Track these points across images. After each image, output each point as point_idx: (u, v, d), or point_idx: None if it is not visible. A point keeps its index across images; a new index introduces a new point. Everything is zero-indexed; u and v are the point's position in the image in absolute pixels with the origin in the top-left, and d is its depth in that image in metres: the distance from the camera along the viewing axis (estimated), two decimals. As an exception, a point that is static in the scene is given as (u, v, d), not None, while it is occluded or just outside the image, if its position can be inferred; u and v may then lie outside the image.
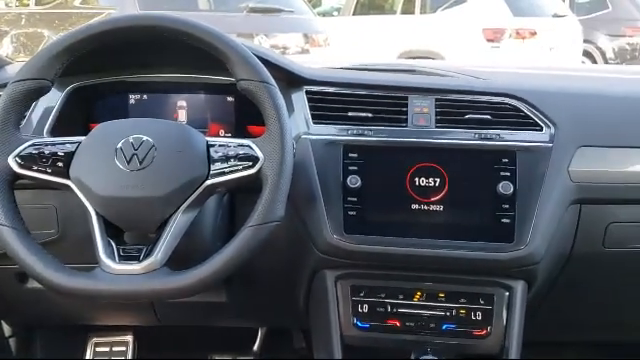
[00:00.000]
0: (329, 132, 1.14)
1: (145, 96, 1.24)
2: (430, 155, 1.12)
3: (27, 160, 0.96)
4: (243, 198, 1.12)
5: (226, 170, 0.95)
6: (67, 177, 0.96)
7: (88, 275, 0.93)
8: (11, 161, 0.95)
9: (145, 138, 0.96)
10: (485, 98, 1.17)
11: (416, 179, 1.11)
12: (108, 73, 1.22)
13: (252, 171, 0.95)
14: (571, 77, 1.64)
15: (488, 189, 1.10)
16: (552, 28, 7.22)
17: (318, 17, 6.53)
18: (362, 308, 1.16)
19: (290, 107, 1.14)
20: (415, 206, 1.11)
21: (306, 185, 1.10)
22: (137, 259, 0.93)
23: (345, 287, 1.16)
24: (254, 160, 0.95)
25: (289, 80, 1.17)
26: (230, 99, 1.23)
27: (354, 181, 1.10)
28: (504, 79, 1.37)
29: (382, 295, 1.16)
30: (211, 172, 0.95)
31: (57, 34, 4.89)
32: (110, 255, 0.93)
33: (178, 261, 0.94)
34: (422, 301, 1.16)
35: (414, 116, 1.15)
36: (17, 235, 0.93)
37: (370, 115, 1.15)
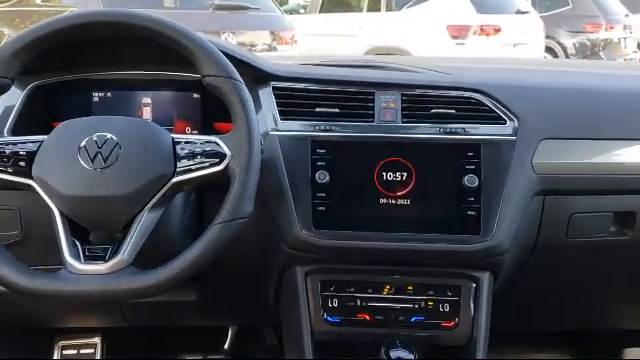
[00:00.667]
0: (297, 128, 1.14)
1: (109, 94, 1.22)
2: (397, 150, 1.13)
3: None
4: (211, 195, 1.11)
5: (193, 167, 0.95)
6: (29, 177, 0.94)
7: (52, 276, 0.91)
8: None
9: (109, 136, 0.94)
10: (450, 93, 1.19)
11: (384, 174, 1.12)
12: (71, 71, 1.20)
13: (219, 168, 0.94)
14: (534, 72, 1.67)
15: (454, 182, 1.11)
16: (515, 25, 7.35)
17: (285, 15, 6.51)
18: (332, 303, 1.17)
19: (257, 103, 1.13)
20: (383, 200, 1.12)
21: (274, 181, 1.10)
22: (103, 259, 0.92)
23: (315, 282, 1.17)
24: (221, 157, 0.94)
25: (256, 76, 1.17)
26: (196, 96, 1.22)
27: (322, 176, 1.10)
28: (468, 74, 1.39)
29: (352, 289, 1.17)
30: (177, 169, 0.94)
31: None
32: (75, 255, 0.91)
33: (145, 260, 0.93)
34: (391, 294, 1.17)
35: (381, 111, 1.16)
36: None
37: (337, 111, 1.15)
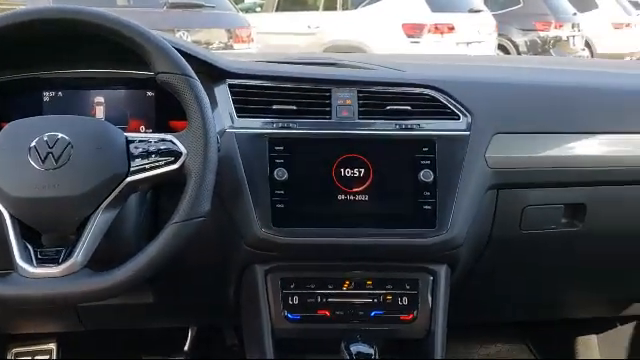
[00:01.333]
0: (254, 125, 1.13)
1: (60, 93, 1.19)
2: (354, 146, 1.13)
3: None
4: (167, 195, 1.10)
5: (147, 166, 0.93)
6: None
7: (3, 280, 0.88)
8: None
9: (60, 136, 0.92)
10: (405, 89, 1.20)
11: (342, 170, 1.12)
12: (19, 70, 1.16)
13: (175, 166, 0.93)
14: (486, 68, 1.71)
15: (410, 177, 1.12)
16: (469, 23, 7.50)
17: (241, 13, 6.48)
18: (292, 300, 1.16)
19: (213, 101, 1.12)
20: (341, 196, 1.12)
21: (232, 179, 1.09)
22: (56, 262, 0.89)
23: (275, 280, 1.16)
24: (176, 155, 0.93)
25: (211, 73, 1.16)
26: (150, 94, 1.20)
27: (281, 174, 1.10)
28: (423, 71, 1.41)
29: (312, 286, 1.17)
30: (131, 169, 0.93)
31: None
32: (27, 259, 0.89)
33: (100, 262, 0.91)
34: (351, 290, 1.18)
35: (338, 108, 1.16)
36: None
37: (294, 108, 1.15)
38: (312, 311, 1.17)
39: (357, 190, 1.12)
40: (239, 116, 1.14)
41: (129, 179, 0.93)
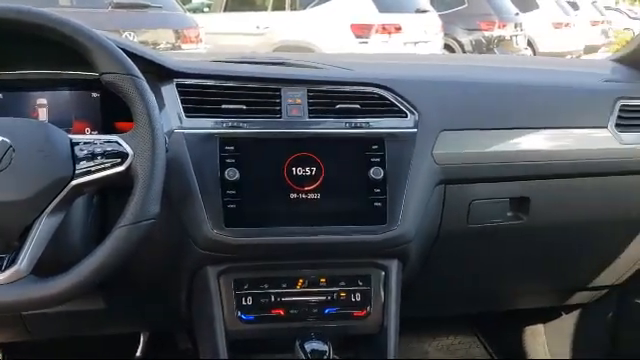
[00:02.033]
0: (203, 125, 1.12)
1: (0, 95, 1.15)
2: (305, 145, 1.14)
3: None
4: (114, 197, 1.07)
5: (93, 169, 0.91)
6: None
7: None
8: None
9: (1, 139, 0.89)
10: (354, 88, 1.21)
11: (293, 169, 1.12)
12: None
13: (121, 168, 0.91)
14: (433, 67, 1.74)
15: (361, 175, 1.14)
16: (415, 23, 7.62)
17: (188, 13, 6.40)
18: (246, 301, 1.16)
19: (160, 101, 1.11)
20: (294, 195, 1.12)
21: (182, 180, 1.08)
22: None
23: (228, 281, 1.16)
24: (123, 156, 0.91)
25: (158, 73, 1.14)
26: (95, 95, 1.17)
27: (232, 174, 1.09)
28: (371, 70, 1.42)
29: (265, 286, 1.17)
30: (77, 172, 0.90)
31: None
32: None
33: (46, 268, 0.88)
34: (305, 288, 1.18)
35: (287, 107, 1.16)
36: None
37: (244, 107, 1.14)
38: (266, 311, 1.17)
39: (309, 189, 1.13)
40: (188, 116, 1.12)
41: (74, 182, 0.90)
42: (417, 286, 1.31)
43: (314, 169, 1.13)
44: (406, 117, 1.19)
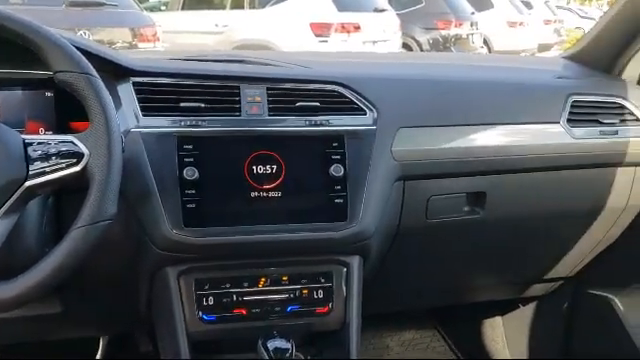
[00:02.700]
0: (161, 124, 1.11)
1: None
2: (265, 143, 1.13)
3: None
4: (70, 198, 1.05)
5: (47, 169, 0.89)
6: None
7: None
8: None
9: None
10: (313, 86, 1.22)
11: (254, 167, 1.12)
12: None
13: (77, 168, 0.89)
14: (391, 64, 1.76)
15: (321, 172, 1.14)
16: (374, 22, 7.68)
17: (145, 11, 6.30)
18: (207, 301, 1.15)
19: (116, 100, 1.08)
20: (254, 194, 1.12)
21: (139, 180, 1.06)
22: None
23: (189, 282, 1.14)
24: (78, 156, 0.89)
25: (113, 71, 1.12)
26: (49, 94, 1.14)
27: (191, 173, 1.08)
28: (330, 68, 1.43)
29: (227, 285, 1.16)
30: (30, 173, 0.88)
31: None
32: None
33: (1, 273, 0.86)
34: (267, 287, 1.18)
35: (247, 105, 1.16)
36: None
37: (203, 105, 1.13)
38: (228, 311, 1.16)
39: (270, 187, 1.12)
40: (145, 115, 1.11)
41: (28, 183, 0.88)
42: (378, 282, 1.33)
43: (274, 167, 1.13)
44: (365, 114, 1.20)
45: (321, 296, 1.19)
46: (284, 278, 1.18)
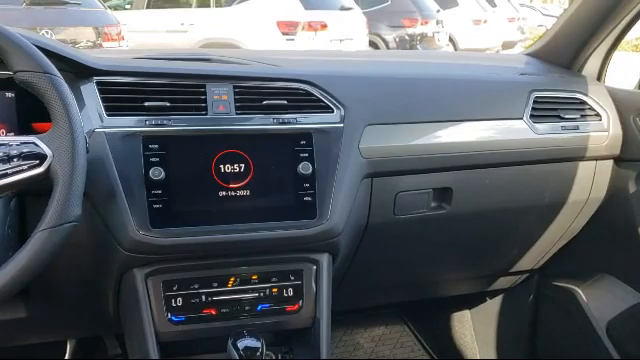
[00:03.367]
0: (126, 124, 1.09)
1: None
2: (233, 141, 1.13)
3: None
4: (34, 201, 1.03)
5: (9, 171, 0.87)
6: None
7: None
8: None
9: None
10: (280, 84, 1.22)
11: (221, 166, 1.11)
12: None
13: (40, 170, 0.88)
14: (358, 63, 1.77)
15: (290, 170, 1.14)
16: (341, 21, 7.70)
17: (109, 10, 6.20)
18: (176, 302, 1.14)
19: (80, 100, 1.07)
20: (222, 193, 1.11)
21: (104, 181, 1.04)
22: None
23: (156, 283, 1.13)
24: (41, 158, 0.88)
25: (76, 71, 1.10)
26: (10, 95, 1.12)
27: (157, 173, 1.07)
28: (298, 66, 1.43)
29: (196, 286, 1.15)
30: None
31: None
32: None
33: None
34: (236, 286, 1.17)
35: (213, 103, 1.15)
36: None
37: (168, 104, 1.12)
38: (197, 311, 1.15)
39: (238, 185, 1.12)
40: (109, 115, 1.09)
41: None
42: (347, 278, 1.33)
43: (242, 166, 1.12)
44: (332, 112, 1.21)
45: (291, 294, 1.19)
46: (254, 277, 1.18)
